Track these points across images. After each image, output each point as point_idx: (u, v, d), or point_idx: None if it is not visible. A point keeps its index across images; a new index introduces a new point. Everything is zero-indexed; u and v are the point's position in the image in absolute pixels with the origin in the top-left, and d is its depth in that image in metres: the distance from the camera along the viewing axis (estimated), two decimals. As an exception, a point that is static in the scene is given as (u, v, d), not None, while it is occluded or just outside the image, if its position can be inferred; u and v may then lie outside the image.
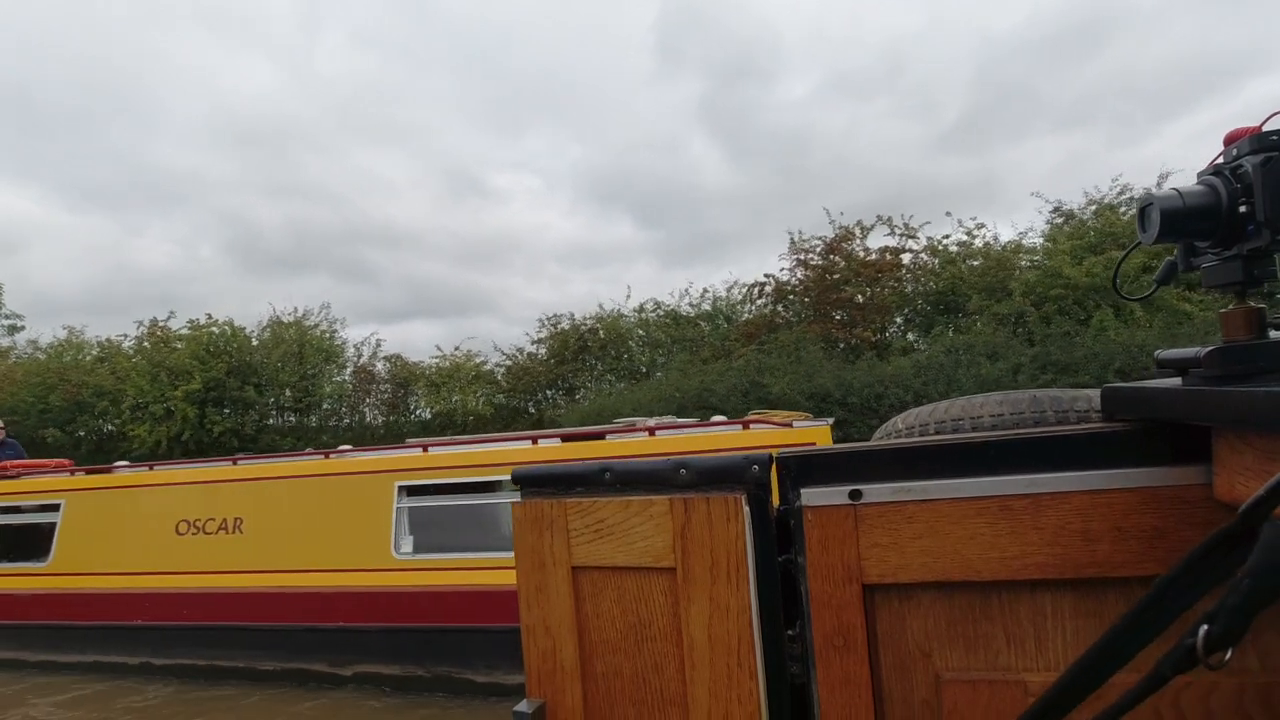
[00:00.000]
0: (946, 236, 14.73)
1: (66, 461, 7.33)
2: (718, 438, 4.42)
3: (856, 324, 13.64)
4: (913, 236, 14.96)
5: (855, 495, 0.92)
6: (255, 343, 18.30)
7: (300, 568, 4.90)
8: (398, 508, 4.73)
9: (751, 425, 4.46)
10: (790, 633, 0.97)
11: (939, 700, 0.89)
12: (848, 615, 0.92)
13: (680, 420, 6.02)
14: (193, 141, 36.76)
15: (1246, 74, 25.36)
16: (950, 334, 12.48)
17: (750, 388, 11.52)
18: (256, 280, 32.44)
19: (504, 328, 38.04)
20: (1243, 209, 0.75)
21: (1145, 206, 0.81)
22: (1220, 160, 0.80)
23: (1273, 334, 0.80)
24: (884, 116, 29.59)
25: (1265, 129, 0.75)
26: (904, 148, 26.57)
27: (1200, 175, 0.82)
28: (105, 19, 42.94)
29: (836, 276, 14.35)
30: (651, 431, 4.59)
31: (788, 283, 15.09)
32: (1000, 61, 31.45)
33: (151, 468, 5.98)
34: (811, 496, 0.94)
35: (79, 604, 5.41)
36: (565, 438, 4.96)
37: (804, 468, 0.95)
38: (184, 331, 17.83)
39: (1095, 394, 1.04)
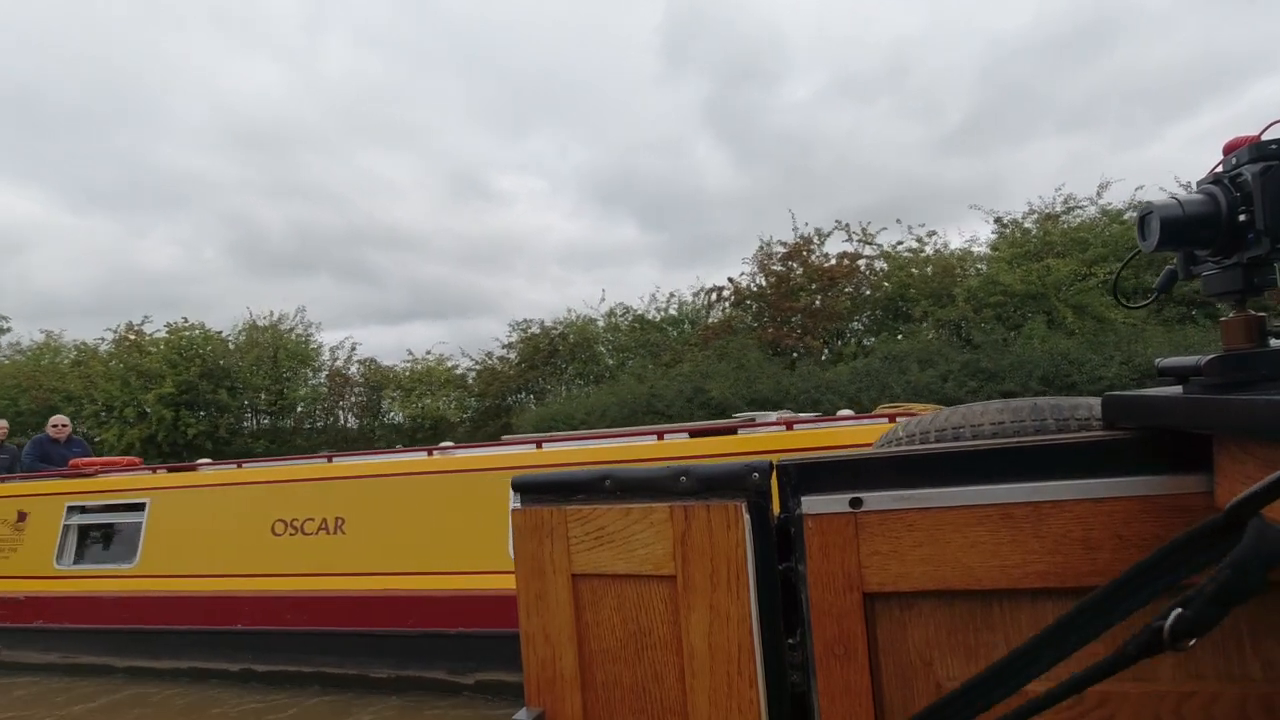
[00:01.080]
0: (899, 243, 15.12)
1: (136, 460, 7.17)
2: (856, 431, 4.22)
3: (807, 330, 14.01)
4: (870, 243, 15.35)
5: (856, 503, 0.92)
6: (232, 346, 18.65)
7: (410, 570, 4.69)
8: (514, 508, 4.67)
9: (894, 419, 4.20)
10: (791, 641, 0.97)
11: None
12: (848, 624, 0.92)
13: (803, 415, 5.76)
14: (196, 143, 36.94)
15: (1251, 76, 25.62)
16: (897, 339, 12.84)
17: (694, 393, 11.87)
18: (260, 282, 32.66)
19: (505, 329, 38.57)
20: (1242, 218, 0.75)
21: (1145, 215, 0.82)
22: (1220, 169, 0.80)
23: (1273, 342, 0.80)
24: (888, 118, 29.88)
25: (1264, 138, 0.75)
26: (908, 149, 26.84)
27: (1200, 184, 0.82)
28: (109, 19, 43.29)
29: (792, 283, 14.73)
30: (789, 426, 4.46)
31: (747, 288, 15.47)
32: (1004, 63, 31.69)
33: (240, 465, 5.82)
34: (812, 504, 0.94)
35: (172, 607, 5.19)
36: (694, 433, 4.75)
37: (804, 475, 0.95)
38: (161, 335, 18.17)
39: (1096, 402, 1.03)
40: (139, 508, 5.57)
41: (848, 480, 0.93)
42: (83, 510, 5.80)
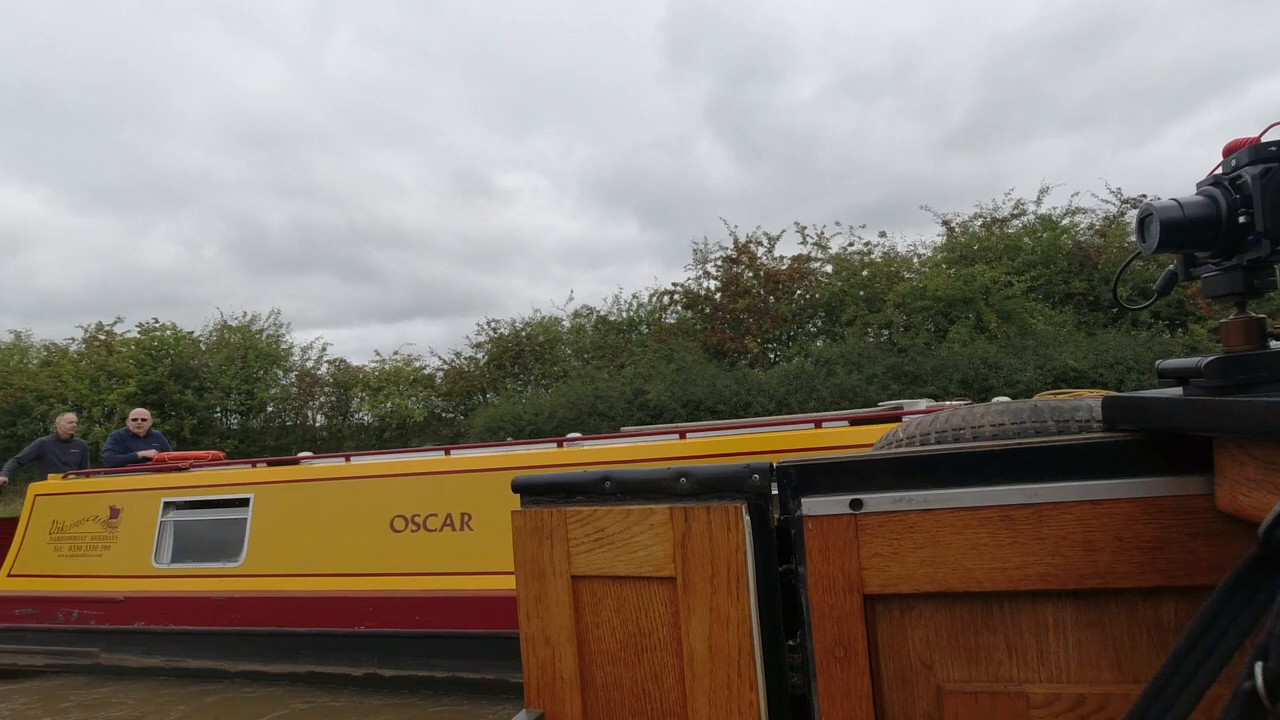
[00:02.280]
0: (849, 245, 15.44)
1: (220, 454, 6.91)
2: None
3: (749, 333, 14.33)
4: (824, 246, 15.67)
5: (856, 505, 0.92)
6: (203, 347, 19.03)
7: None
8: None
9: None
10: (791, 643, 0.98)
11: (940, 712, 0.90)
12: (849, 626, 0.92)
13: (949, 404, 5.43)
14: (199, 141, 36.99)
15: (1253, 76, 25.97)
16: (828, 343, 13.18)
17: (635, 395, 12.23)
18: (260, 280, 32.60)
19: (473, 329, 39.10)
20: (1242, 219, 0.76)
21: (1145, 217, 0.82)
22: (1219, 171, 0.80)
23: (1273, 344, 0.80)
24: (892, 116, 30.01)
25: (1264, 140, 0.76)
26: (911, 148, 27.01)
27: (1200, 186, 0.82)
28: (115, 17, 43.47)
29: (740, 285, 15.04)
30: None
31: (694, 291, 15.79)
32: (1008, 61, 31.81)
33: (348, 459, 5.48)
34: (812, 506, 0.94)
35: (286, 608, 4.93)
36: (854, 420, 4.59)
37: (804, 477, 0.96)
38: (132, 335, 18.56)
39: (1096, 404, 1.04)
40: (243, 503, 5.33)
41: (848, 482, 0.93)
42: (181, 506, 5.55)
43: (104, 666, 5.41)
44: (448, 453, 5.13)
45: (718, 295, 15.25)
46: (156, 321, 18.87)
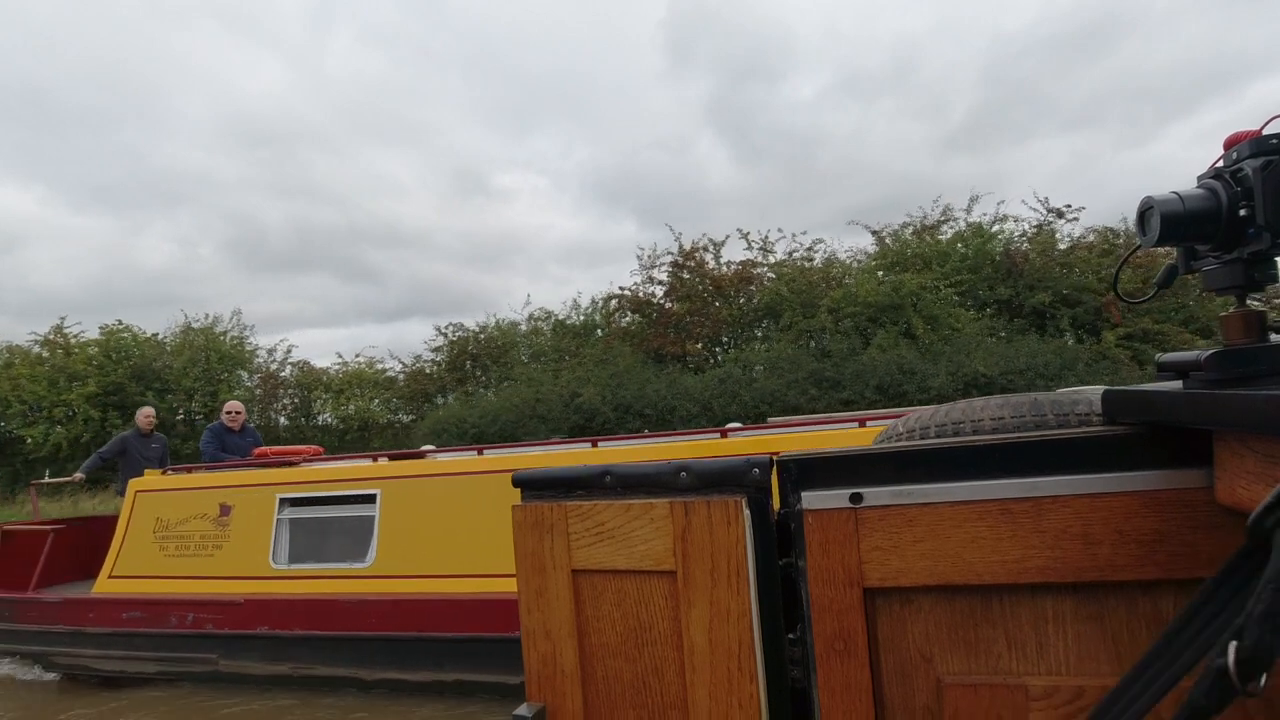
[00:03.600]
0: (793, 252, 15.75)
1: (319, 449, 6.64)
2: None
3: (689, 337, 14.64)
4: (770, 251, 15.96)
5: (856, 498, 0.93)
6: (169, 348, 19.31)
7: None
8: None
9: None
10: (791, 637, 0.99)
11: (940, 705, 0.91)
12: (848, 619, 0.93)
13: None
14: (199, 141, 37.54)
15: (1252, 75, 26.64)
16: (762, 347, 13.50)
17: (570, 397, 12.54)
18: (257, 280, 32.98)
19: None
20: (1243, 212, 0.76)
21: (1145, 210, 0.83)
22: (1220, 164, 0.81)
23: (1273, 337, 0.81)
24: (892, 116, 30.63)
25: (1265, 133, 0.76)
26: (911, 148, 27.51)
27: (1200, 179, 0.83)
28: (115, 17, 43.97)
29: (683, 290, 15.34)
30: None
31: (644, 296, 16.08)
32: (1009, 61, 32.57)
33: (481, 452, 5.22)
34: (812, 500, 0.95)
35: (426, 611, 4.63)
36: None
37: (804, 471, 0.97)
38: (95, 337, 18.84)
39: (1096, 397, 1.05)
40: (369, 499, 5.03)
41: (848, 476, 0.94)
42: (299, 503, 5.26)
43: (223, 674, 5.14)
44: (595, 445, 4.91)
45: (663, 300, 15.55)
46: (120, 323, 19.15)
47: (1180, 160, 26.08)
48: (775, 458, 1.01)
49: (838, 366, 11.55)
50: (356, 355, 19.98)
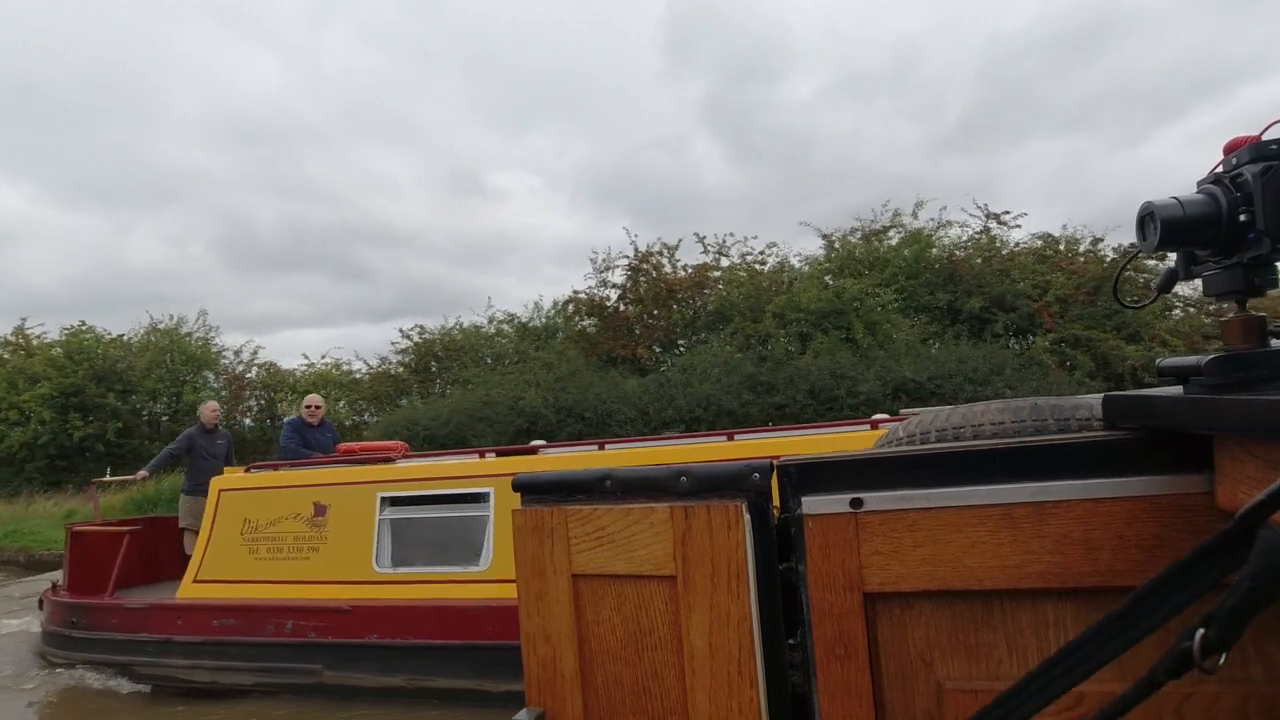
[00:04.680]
0: (747, 254, 15.91)
1: (404, 444, 6.36)
2: None
3: (639, 341, 14.81)
4: (725, 254, 16.13)
5: (856, 503, 0.94)
6: (134, 349, 19.42)
7: None
8: None
9: None
10: (791, 641, 1.00)
11: (940, 710, 0.92)
12: (849, 624, 0.94)
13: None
14: (192, 138, 38.01)
15: (1242, 79, 27.51)
16: (705, 350, 13.69)
17: (514, 400, 12.70)
18: (249, 279, 33.44)
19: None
20: (1243, 218, 0.77)
21: (1145, 216, 0.84)
22: (1220, 169, 0.82)
23: (1274, 342, 0.81)
24: (889, 117, 31.19)
25: (1265, 138, 0.77)
26: (908, 148, 28.02)
27: (1200, 184, 0.84)
28: (109, 13, 44.12)
29: (637, 293, 15.49)
30: None
31: (594, 299, 16.23)
32: (1007, 62, 33.20)
33: (602, 446, 5.01)
34: (812, 504, 0.96)
35: None
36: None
37: (805, 475, 0.97)
38: (57, 339, 18.95)
39: (1096, 402, 1.06)
40: (481, 499, 4.80)
41: (848, 480, 0.95)
42: (402, 502, 4.99)
43: (329, 685, 4.82)
44: (731, 439, 4.76)
45: (617, 303, 15.71)
46: (84, 324, 19.28)
47: (1171, 164, 26.58)
48: (775, 462, 1.01)
49: (773, 371, 11.75)
50: (323, 356, 20.12)
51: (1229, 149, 0.82)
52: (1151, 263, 10.21)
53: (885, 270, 13.52)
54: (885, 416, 4.71)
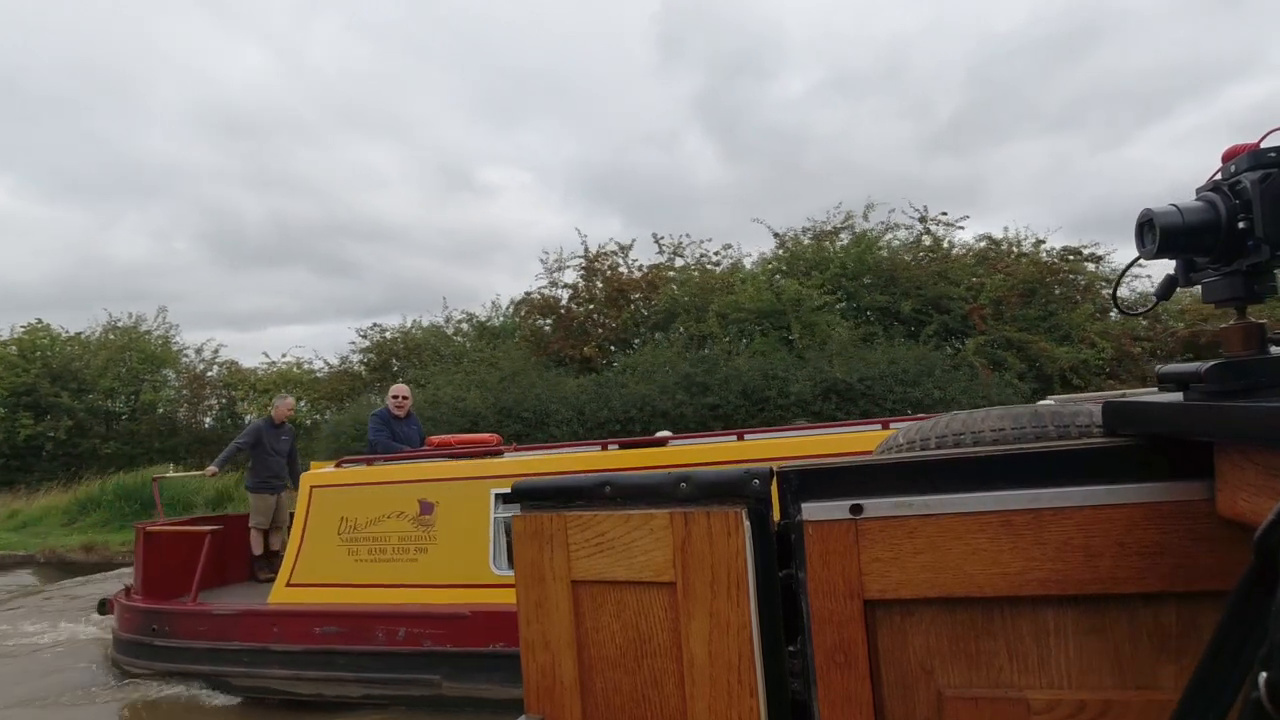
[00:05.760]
0: (703, 255, 16.02)
1: (497, 437, 6.11)
2: None
3: (588, 342, 14.90)
4: (680, 254, 16.22)
5: (856, 510, 0.94)
6: (93, 347, 19.40)
7: None
8: None
9: None
10: (791, 649, 1.00)
11: (941, 717, 0.92)
12: (849, 631, 0.94)
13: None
14: (177, 131, 37.60)
15: (1225, 81, 27.90)
16: (652, 352, 13.79)
17: (456, 400, 12.79)
18: (234, 275, 33.31)
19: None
20: (1242, 225, 0.78)
21: (1145, 223, 0.84)
22: (1219, 176, 0.83)
23: (1273, 349, 0.82)
24: (880, 115, 31.38)
25: (1263, 145, 0.78)
26: (899, 147, 28.23)
27: (1199, 191, 0.84)
28: (95, 2, 43.96)
29: (588, 293, 15.58)
30: None
31: (543, 300, 16.30)
32: (998, 62, 33.62)
33: (741, 437, 4.73)
34: (812, 511, 0.96)
35: None
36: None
37: (805, 482, 0.98)
38: (12, 337, 18.92)
39: (1096, 409, 1.06)
40: None
41: (848, 487, 0.95)
42: None
43: (447, 697, 4.53)
44: (885, 426, 4.60)
45: (569, 304, 15.80)
46: (40, 321, 19.26)
47: (1155, 165, 27.14)
48: (775, 468, 1.01)
49: (709, 372, 11.87)
50: (283, 355, 20.15)
51: (1227, 156, 0.82)
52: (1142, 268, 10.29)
53: (827, 271, 13.67)
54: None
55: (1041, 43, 32.79)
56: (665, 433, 5.80)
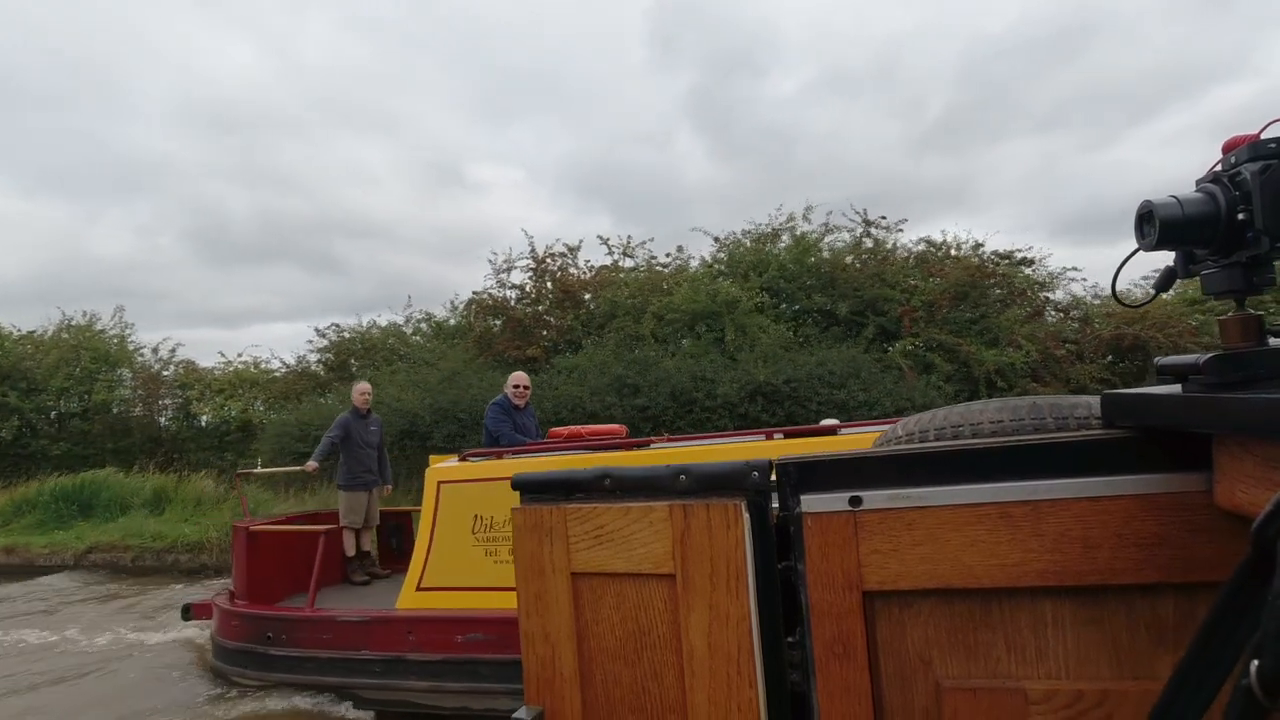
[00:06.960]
0: (653, 257, 16.10)
1: (623, 428, 5.80)
2: None
3: (532, 342, 14.96)
4: (630, 255, 16.29)
5: (855, 502, 0.94)
6: (45, 346, 19.30)
7: None
8: None
9: None
10: (790, 640, 1.01)
11: (939, 708, 0.93)
12: (848, 623, 0.95)
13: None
14: (162, 125, 37.13)
15: (1212, 81, 28.12)
16: (593, 353, 13.89)
17: (391, 402, 12.85)
18: (220, 272, 32.91)
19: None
20: (1241, 216, 0.78)
21: (1144, 214, 0.84)
22: (1219, 168, 0.83)
23: (1272, 341, 0.82)
24: (870, 114, 31.70)
25: (1263, 137, 0.78)
26: (890, 146, 28.46)
27: (1199, 183, 0.84)
28: None
29: (535, 294, 15.64)
30: None
31: (498, 299, 16.35)
32: (989, 61, 33.83)
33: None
34: (811, 503, 0.97)
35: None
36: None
37: (804, 474, 0.98)
38: None
39: (1095, 401, 1.07)
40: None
41: (847, 479, 0.96)
42: None
43: None
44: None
45: (517, 304, 15.85)
46: (-7, 321, 19.16)
47: (1143, 164, 27.66)
48: (774, 461, 1.02)
49: (640, 373, 11.97)
50: (239, 355, 20.11)
51: (1227, 148, 0.83)
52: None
53: (762, 274, 13.79)
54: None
55: (1031, 43, 33.37)
56: (832, 420, 5.55)
